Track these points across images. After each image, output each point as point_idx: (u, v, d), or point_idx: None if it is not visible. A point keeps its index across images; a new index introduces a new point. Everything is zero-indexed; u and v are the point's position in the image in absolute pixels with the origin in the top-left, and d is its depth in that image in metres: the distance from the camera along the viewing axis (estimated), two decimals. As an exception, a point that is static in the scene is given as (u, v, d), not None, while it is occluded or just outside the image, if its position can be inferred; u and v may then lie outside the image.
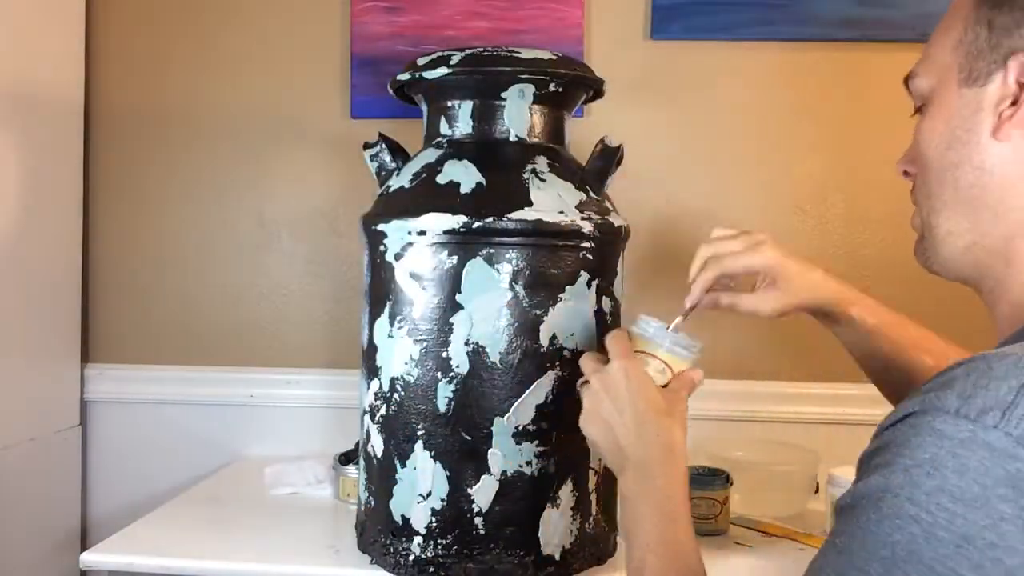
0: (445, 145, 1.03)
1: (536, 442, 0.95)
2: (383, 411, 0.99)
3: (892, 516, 0.50)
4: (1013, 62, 0.62)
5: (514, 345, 0.94)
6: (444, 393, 0.95)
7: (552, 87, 1.01)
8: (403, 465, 0.97)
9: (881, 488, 0.51)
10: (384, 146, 1.07)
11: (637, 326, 0.87)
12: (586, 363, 0.85)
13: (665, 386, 0.83)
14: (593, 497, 1.01)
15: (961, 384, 0.50)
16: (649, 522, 0.76)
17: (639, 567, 0.75)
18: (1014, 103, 0.62)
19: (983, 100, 0.64)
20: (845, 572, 0.52)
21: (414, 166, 1.03)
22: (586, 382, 0.83)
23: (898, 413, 0.53)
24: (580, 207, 0.97)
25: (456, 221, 0.94)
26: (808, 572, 0.56)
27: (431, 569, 0.96)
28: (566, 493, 0.97)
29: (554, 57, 1.01)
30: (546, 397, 0.95)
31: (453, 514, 0.95)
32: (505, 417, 0.93)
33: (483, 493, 0.95)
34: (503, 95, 1.00)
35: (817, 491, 1.23)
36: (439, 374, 0.95)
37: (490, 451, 0.94)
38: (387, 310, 0.99)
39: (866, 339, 0.95)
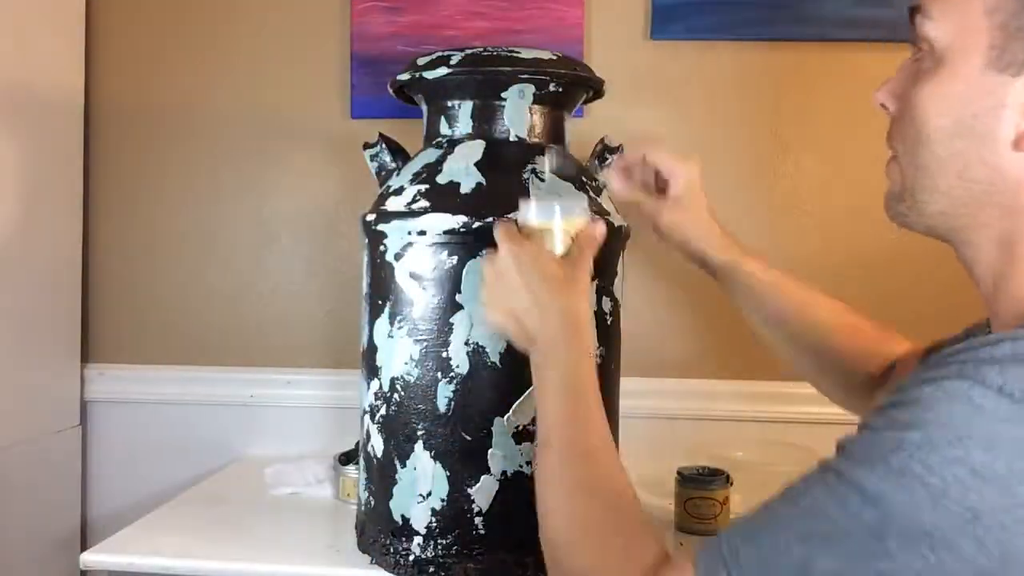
0: (445, 145, 1.03)
1: (536, 442, 0.95)
2: (383, 411, 0.99)
3: (898, 474, 0.48)
4: None
5: (514, 345, 0.94)
6: (444, 393, 0.95)
7: (552, 87, 1.01)
8: (403, 465, 0.97)
9: (894, 444, 0.49)
10: (384, 146, 1.07)
11: (520, 211, 0.83)
12: (484, 261, 0.82)
13: (568, 253, 0.81)
14: (593, 497, 1.00)
15: (1008, 363, 0.48)
16: (555, 399, 0.74)
17: (544, 443, 0.73)
18: None
19: (1007, 95, 0.56)
20: (832, 513, 0.50)
21: (414, 166, 1.03)
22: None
23: (927, 372, 0.51)
24: (580, 207, 0.97)
25: (456, 221, 0.94)
26: (789, 493, 0.54)
27: (431, 569, 0.96)
28: (566, 493, 0.97)
29: (554, 57, 1.01)
30: (546, 397, 0.95)
31: (453, 514, 0.95)
32: (505, 417, 0.93)
33: (483, 493, 0.95)
34: (503, 95, 1.00)
35: (817, 491, 1.23)
36: (439, 374, 0.95)
37: (490, 451, 0.94)
38: (387, 310, 0.98)
39: (762, 296, 0.95)
